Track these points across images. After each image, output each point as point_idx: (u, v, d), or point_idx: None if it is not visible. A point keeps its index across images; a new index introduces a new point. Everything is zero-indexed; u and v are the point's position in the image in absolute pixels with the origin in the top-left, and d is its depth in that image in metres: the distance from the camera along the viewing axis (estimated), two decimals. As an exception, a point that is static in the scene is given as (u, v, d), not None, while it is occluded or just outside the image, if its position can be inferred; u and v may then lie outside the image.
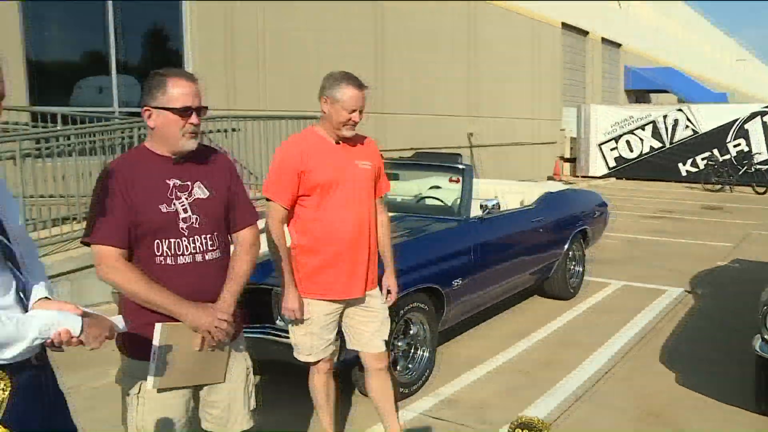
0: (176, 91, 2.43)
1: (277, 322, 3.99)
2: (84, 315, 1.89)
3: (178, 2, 10.35)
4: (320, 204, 3.32)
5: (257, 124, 9.68)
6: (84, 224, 2.50)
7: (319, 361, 3.50)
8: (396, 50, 14.60)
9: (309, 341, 3.43)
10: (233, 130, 9.38)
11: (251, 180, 9.12)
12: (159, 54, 10.68)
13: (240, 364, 2.69)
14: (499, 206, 5.64)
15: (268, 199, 3.35)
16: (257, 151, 9.29)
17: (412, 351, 4.70)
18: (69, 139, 7.53)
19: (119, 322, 1.98)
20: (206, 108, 2.53)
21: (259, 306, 4.00)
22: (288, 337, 3.56)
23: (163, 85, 2.44)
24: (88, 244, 2.44)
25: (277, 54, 11.67)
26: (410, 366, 4.66)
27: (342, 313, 3.49)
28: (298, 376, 3.75)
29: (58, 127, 7.80)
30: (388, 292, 3.60)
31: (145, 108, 2.48)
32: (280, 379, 4.59)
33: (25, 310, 1.89)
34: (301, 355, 3.50)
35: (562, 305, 6.85)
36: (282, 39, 11.75)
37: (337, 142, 3.39)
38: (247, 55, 11.22)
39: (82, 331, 1.86)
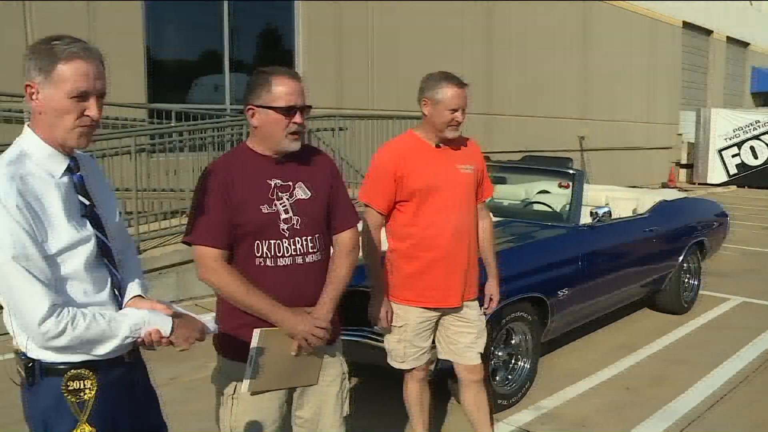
0: (280, 90, 2.39)
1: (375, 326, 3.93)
2: (175, 315, 1.89)
3: (291, 2, 10.55)
4: (418, 209, 3.21)
5: (365, 124, 9.75)
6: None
7: (413, 369, 3.42)
8: (506, 50, 14.33)
9: (402, 348, 3.35)
10: (341, 129, 9.46)
11: (357, 179, 9.15)
12: (271, 53, 10.92)
13: (335, 368, 2.63)
14: (611, 214, 5.40)
15: (365, 204, 3.28)
16: (365, 151, 9.32)
17: (513, 362, 4.55)
18: (182, 135, 7.81)
19: (210, 323, 1.97)
20: (310, 107, 2.48)
21: (358, 309, 3.95)
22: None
23: (267, 84, 2.40)
24: (189, 244, 2.44)
25: (386, 54, 11.70)
26: (510, 377, 4.51)
27: (437, 322, 3.39)
28: (393, 382, 3.67)
29: (173, 124, 8.10)
30: (490, 299, 3.48)
31: (249, 107, 2.45)
32: (376, 383, 4.53)
33: (119, 307, 1.91)
34: (395, 362, 3.42)
35: (674, 320, 6.48)
36: (390, 39, 11.77)
37: (437, 146, 3.27)
38: (356, 55, 11.31)
39: (172, 331, 1.86)
